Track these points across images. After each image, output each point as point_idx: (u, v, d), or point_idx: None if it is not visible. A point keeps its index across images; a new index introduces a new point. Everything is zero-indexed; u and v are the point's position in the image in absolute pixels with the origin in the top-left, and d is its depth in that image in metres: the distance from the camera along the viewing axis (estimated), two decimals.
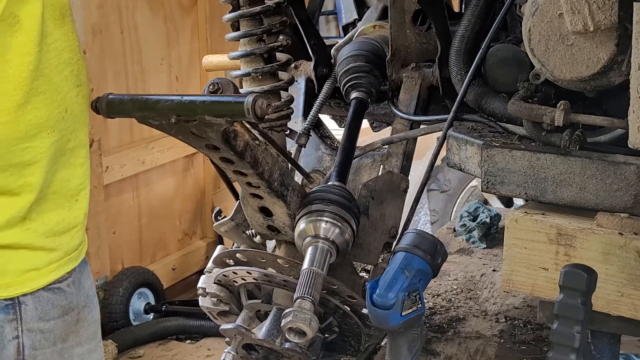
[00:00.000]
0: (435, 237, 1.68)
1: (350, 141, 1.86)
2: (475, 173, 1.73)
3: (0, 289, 1.33)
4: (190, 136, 1.43)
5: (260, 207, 1.65)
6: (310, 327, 1.46)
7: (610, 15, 1.47)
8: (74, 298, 1.42)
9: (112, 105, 1.41)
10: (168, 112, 1.35)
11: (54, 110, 1.30)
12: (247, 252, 1.69)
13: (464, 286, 2.44)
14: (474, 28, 1.79)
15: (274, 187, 1.58)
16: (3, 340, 1.34)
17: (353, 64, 1.94)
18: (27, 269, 1.34)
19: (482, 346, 2.08)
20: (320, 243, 1.59)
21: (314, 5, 2.26)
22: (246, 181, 1.56)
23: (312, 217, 1.61)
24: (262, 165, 1.53)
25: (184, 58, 4.86)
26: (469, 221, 2.79)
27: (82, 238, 1.45)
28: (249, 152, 1.49)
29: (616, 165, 1.53)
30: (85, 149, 1.43)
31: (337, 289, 1.62)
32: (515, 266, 1.63)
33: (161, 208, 4.69)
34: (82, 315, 1.44)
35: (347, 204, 1.62)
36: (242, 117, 1.31)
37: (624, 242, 1.51)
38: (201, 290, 1.78)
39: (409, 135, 1.88)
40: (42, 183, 1.32)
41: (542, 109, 1.59)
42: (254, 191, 1.60)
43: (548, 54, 1.55)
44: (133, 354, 4.32)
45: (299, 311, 1.47)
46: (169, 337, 4.50)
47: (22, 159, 1.29)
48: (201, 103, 1.34)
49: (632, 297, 1.52)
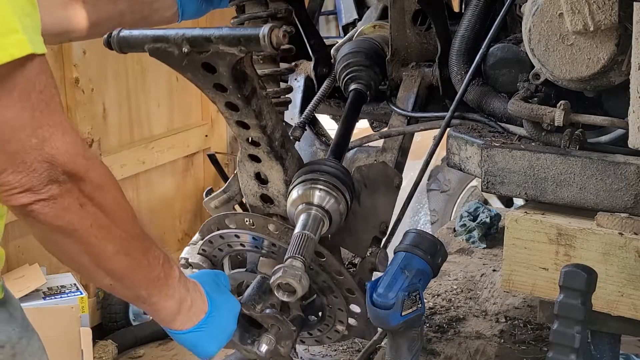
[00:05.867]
0: (435, 237, 1.68)
1: (347, 126, 1.83)
2: (475, 173, 1.73)
3: None
4: (199, 72, 1.40)
5: (256, 173, 1.61)
6: (301, 285, 1.41)
7: (610, 15, 1.47)
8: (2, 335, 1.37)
9: (124, 39, 1.41)
10: (182, 42, 1.34)
11: None
12: (237, 215, 1.64)
13: (464, 286, 2.44)
14: (474, 28, 1.79)
15: (274, 147, 1.54)
16: None
17: (352, 59, 1.94)
18: None
19: (482, 346, 2.08)
20: (314, 210, 1.54)
21: (314, 5, 2.25)
22: (247, 136, 1.53)
23: (306, 185, 1.56)
24: (266, 119, 1.49)
25: None
26: (469, 221, 2.80)
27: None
28: (256, 100, 1.45)
29: (616, 165, 1.53)
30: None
31: (326, 260, 1.57)
32: (515, 266, 1.63)
33: (161, 208, 4.69)
34: (19, 348, 1.40)
35: (343, 177, 1.59)
36: (257, 46, 1.29)
37: (624, 242, 1.51)
38: (183, 260, 1.74)
39: (407, 130, 1.87)
40: None
41: (542, 109, 1.59)
42: (253, 151, 1.56)
43: (548, 54, 1.56)
44: (133, 354, 4.32)
45: (290, 268, 1.42)
46: (169, 337, 4.50)
47: None
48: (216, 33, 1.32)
49: (632, 297, 1.52)
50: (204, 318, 1.42)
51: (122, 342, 4.25)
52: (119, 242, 1.24)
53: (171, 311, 1.37)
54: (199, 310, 1.41)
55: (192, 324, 1.41)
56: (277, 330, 1.56)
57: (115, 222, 1.23)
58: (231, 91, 1.41)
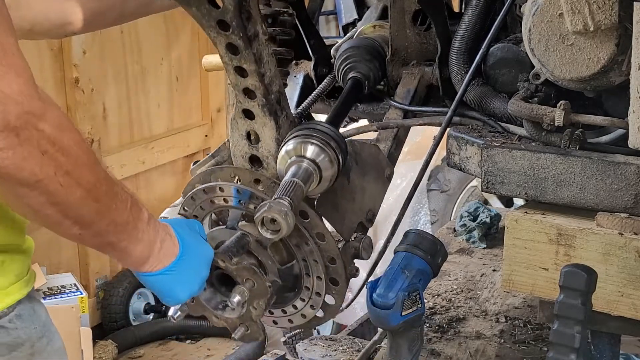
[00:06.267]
0: (435, 237, 1.68)
1: (342, 108, 1.80)
2: (475, 173, 1.73)
3: None
4: (204, 6, 1.38)
5: (247, 132, 1.57)
6: (287, 221, 1.36)
7: (611, 15, 1.47)
8: (22, 332, 1.34)
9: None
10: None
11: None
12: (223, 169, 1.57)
13: (464, 286, 2.44)
14: (474, 28, 1.79)
15: (270, 100, 1.51)
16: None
17: (352, 52, 1.94)
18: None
19: (482, 346, 2.08)
20: (305, 163, 1.47)
21: (314, 5, 2.25)
22: (244, 86, 1.49)
23: (299, 139, 1.50)
24: (265, 67, 1.46)
25: (184, 58, 4.86)
26: (469, 221, 2.79)
27: (21, 268, 1.37)
28: (257, 45, 1.43)
29: (616, 165, 1.53)
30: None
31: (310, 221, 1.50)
32: (515, 266, 1.63)
33: (161, 208, 4.68)
34: (38, 347, 1.37)
35: (337, 139, 1.53)
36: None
37: (624, 242, 1.51)
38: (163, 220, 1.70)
39: (406, 124, 1.86)
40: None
41: (542, 109, 1.59)
42: (247, 105, 1.52)
43: (548, 54, 1.56)
44: (133, 354, 4.33)
45: (276, 204, 1.36)
46: (169, 337, 4.51)
47: None
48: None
49: (632, 297, 1.52)
50: (175, 261, 1.36)
51: (122, 342, 4.25)
52: (86, 188, 1.17)
53: (141, 255, 1.31)
54: (170, 253, 1.36)
55: (162, 266, 1.35)
56: (252, 285, 1.48)
57: (79, 166, 1.16)
58: (234, 29, 1.39)
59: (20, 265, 1.36)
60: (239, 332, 1.52)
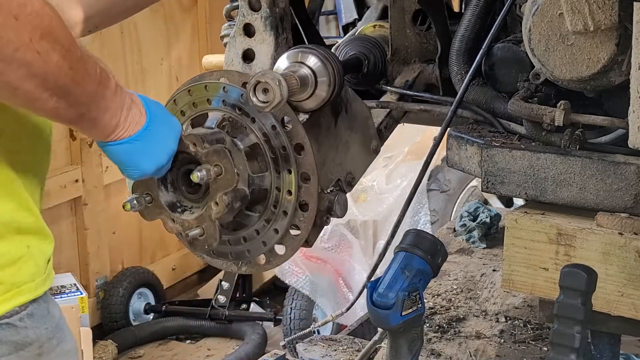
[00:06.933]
0: (435, 237, 1.68)
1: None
2: (475, 173, 1.73)
3: None
4: None
5: (244, 51, 1.53)
6: (280, 88, 1.31)
7: (611, 15, 1.47)
8: (32, 332, 1.33)
9: None
10: None
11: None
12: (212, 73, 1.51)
13: (464, 286, 2.44)
14: (474, 28, 1.80)
15: (274, 13, 1.48)
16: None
17: (352, 41, 1.95)
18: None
19: (482, 346, 2.08)
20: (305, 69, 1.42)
21: (314, 5, 2.26)
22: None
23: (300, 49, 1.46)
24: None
25: (184, 58, 4.86)
26: (469, 221, 2.79)
27: (37, 268, 1.36)
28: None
29: (616, 165, 1.53)
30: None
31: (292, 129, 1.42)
32: (515, 266, 1.63)
33: None
34: (47, 347, 1.35)
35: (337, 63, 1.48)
36: None
37: (624, 242, 1.51)
38: None
39: (407, 107, 1.85)
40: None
41: (542, 109, 1.59)
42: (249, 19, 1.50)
43: (548, 54, 1.56)
44: (133, 354, 4.33)
45: (269, 72, 1.33)
46: (169, 337, 4.51)
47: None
48: None
49: (632, 297, 1.52)
50: (141, 130, 1.31)
51: (122, 342, 4.25)
52: (61, 53, 1.14)
53: (109, 123, 1.27)
54: (136, 121, 1.30)
55: (127, 135, 1.29)
56: (220, 173, 1.39)
57: (53, 29, 1.13)
58: None
59: (34, 265, 1.35)
60: (192, 232, 1.42)
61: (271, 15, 1.50)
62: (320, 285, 4.18)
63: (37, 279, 1.35)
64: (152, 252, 4.85)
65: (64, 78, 1.16)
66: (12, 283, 1.30)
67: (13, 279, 1.31)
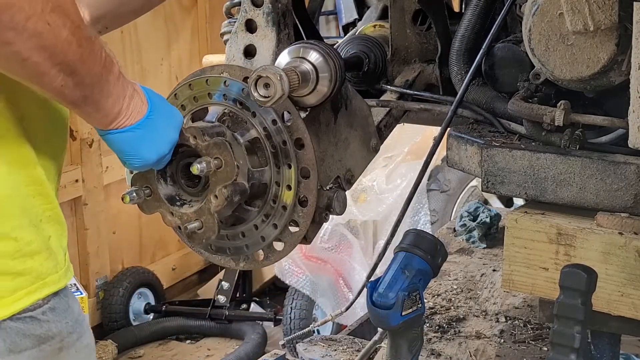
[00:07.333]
0: (435, 237, 1.68)
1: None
2: (475, 173, 1.73)
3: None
4: None
5: (245, 47, 1.53)
6: (281, 83, 1.31)
7: (611, 15, 1.47)
8: (54, 325, 1.33)
9: None
10: None
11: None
12: (214, 67, 1.51)
13: (464, 286, 2.44)
14: (474, 28, 1.80)
15: (277, 8, 1.48)
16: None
17: (352, 41, 1.95)
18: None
19: (482, 346, 2.08)
20: (306, 64, 1.41)
21: (314, 5, 2.26)
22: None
23: (301, 44, 1.46)
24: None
25: (184, 58, 4.86)
26: (469, 221, 2.80)
27: (57, 259, 1.35)
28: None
29: (616, 165, 1.53)
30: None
31: (292, 123, 1.42)
32: (515, 266, 1.63)
33: None
34: (67, 342, 1.35)
35: (338, 59, 1.47)
36: None
37: (624, 242, 1.51)
38: None
39: (407, 106, 1.85)
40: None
41: (542, 109, 1.59)
42: (252, 14, 1.50)
43: (548, 54, 1.56)
44: (133, 354, 4.33)
45: (271, 67, 1.32)
46: (169, 337, 4.51)
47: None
48: None
49: (632, 297, 1.52)
50: (143, 119, 1.30)
51: (122, 342, 4.25)
52: (70, 30, 1.14)
53: (111, 110, 1.26)
54: (138, 110, 1.30)
55: (129, 123, 1.29)
56: (219, 166, 1.39)
57: (64, 5, 1.13)
58: None
59: (55, 256, 1.35)
60: (190, 225, 1.41)
61: (273, 11, 1.50)
62: (320, 285, 4.18)
63: (59, 270, 1.35)
64: (152, 252, 4.85)
65: (72, 54, 1.16)
66: (38, 275, 1.30)
67: (41, 268, 1.30)
